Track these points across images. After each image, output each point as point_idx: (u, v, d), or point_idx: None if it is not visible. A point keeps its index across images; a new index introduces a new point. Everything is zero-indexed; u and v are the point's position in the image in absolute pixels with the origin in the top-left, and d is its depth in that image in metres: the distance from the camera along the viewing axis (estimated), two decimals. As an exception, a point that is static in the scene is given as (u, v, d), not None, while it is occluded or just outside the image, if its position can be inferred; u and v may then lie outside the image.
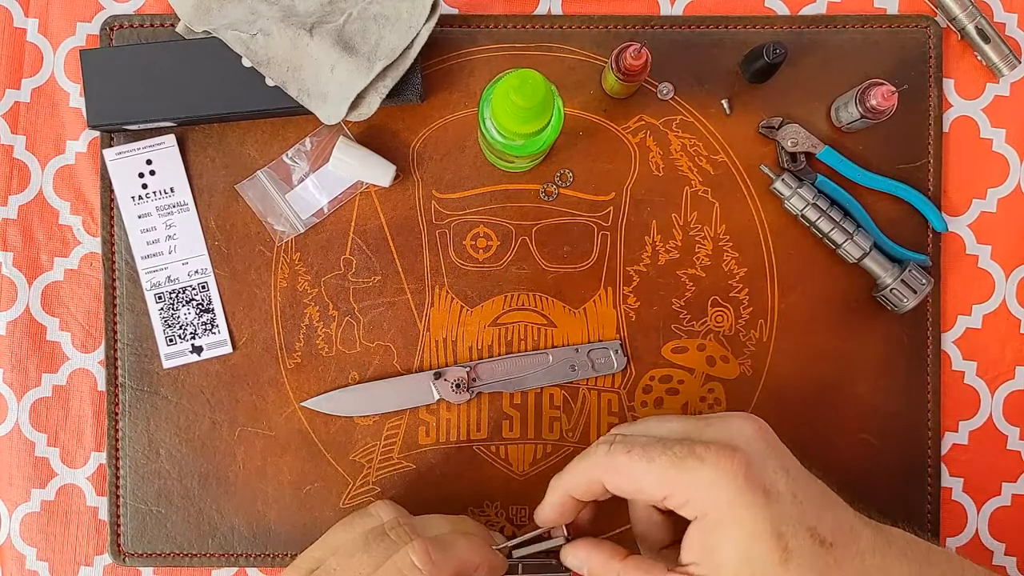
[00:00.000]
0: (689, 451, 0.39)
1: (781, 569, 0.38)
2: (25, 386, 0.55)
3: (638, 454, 0.40)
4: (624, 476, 0.41)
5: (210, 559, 0.54)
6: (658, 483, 0.40)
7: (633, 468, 0.40)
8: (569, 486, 0.44)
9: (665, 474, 0.39)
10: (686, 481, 0.39)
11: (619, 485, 0.42)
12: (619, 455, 0.41)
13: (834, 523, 0.40)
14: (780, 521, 0.38)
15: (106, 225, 0.54)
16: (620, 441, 0.42)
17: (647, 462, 0.40)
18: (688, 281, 0.54)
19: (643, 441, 0.41)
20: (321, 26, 0.50)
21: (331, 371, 0.54)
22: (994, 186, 0.55)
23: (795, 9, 0.55)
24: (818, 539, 0.39)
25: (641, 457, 0.40)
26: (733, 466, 0.38)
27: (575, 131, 0.54)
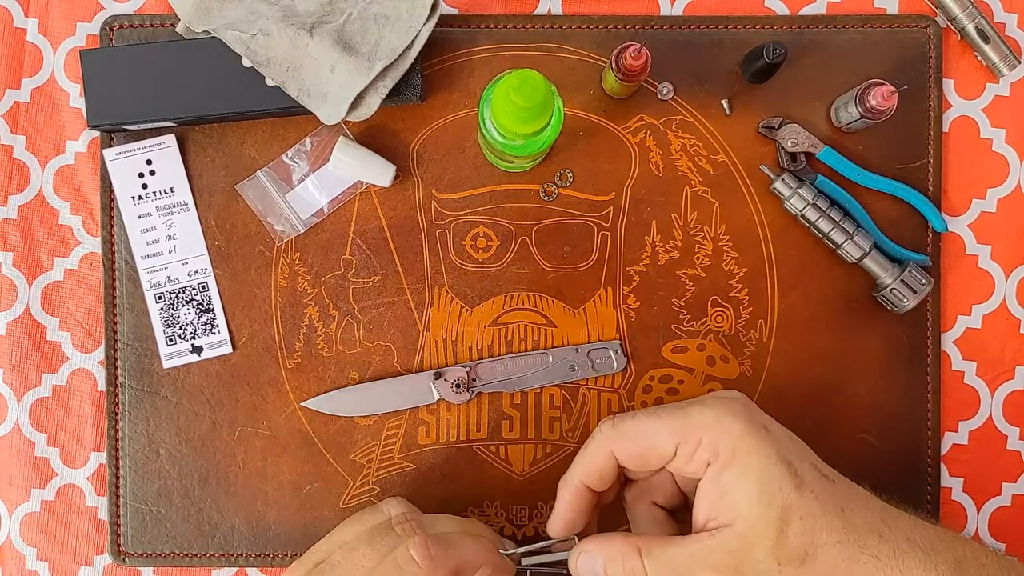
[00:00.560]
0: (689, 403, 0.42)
1: (796, 494, 0.39)
2: (25, 386, 0.55)
3: (643, 414, 0.43)
4: (634, 439, 0.43)
5: (210, 559, 0.54)
6: (668, 432, 0.42)
7: (641, 427, 0.43)
8: (582, 473, 0.44)
9: (673, 422, 0.42)
10: (694, 424, 0.41)
11: (630, 449, 0.43)
12: (625, 421, 0.43)
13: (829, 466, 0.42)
14: (786, 451, 0.40)
15: (106, 225, 0.54)
16: (620, 415, 0.44)
17: (654, 419, 0.42)
18: (688, 281, 0.54)
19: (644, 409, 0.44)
20: (321, 26, 0.50)
21: (331, 371, 0.54)
22: (994, 186, 0.55)
23: (795, 9, 0.55)
24: (821, 472, 0.41)
25: (647, 415, 0.43)
26: (733, 407, 0.41)
27: (575, 131, 0.54)
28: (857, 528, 0.40)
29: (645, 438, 0.42)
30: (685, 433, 0.41)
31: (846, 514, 0.40)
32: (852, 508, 0.40)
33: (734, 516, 0.40)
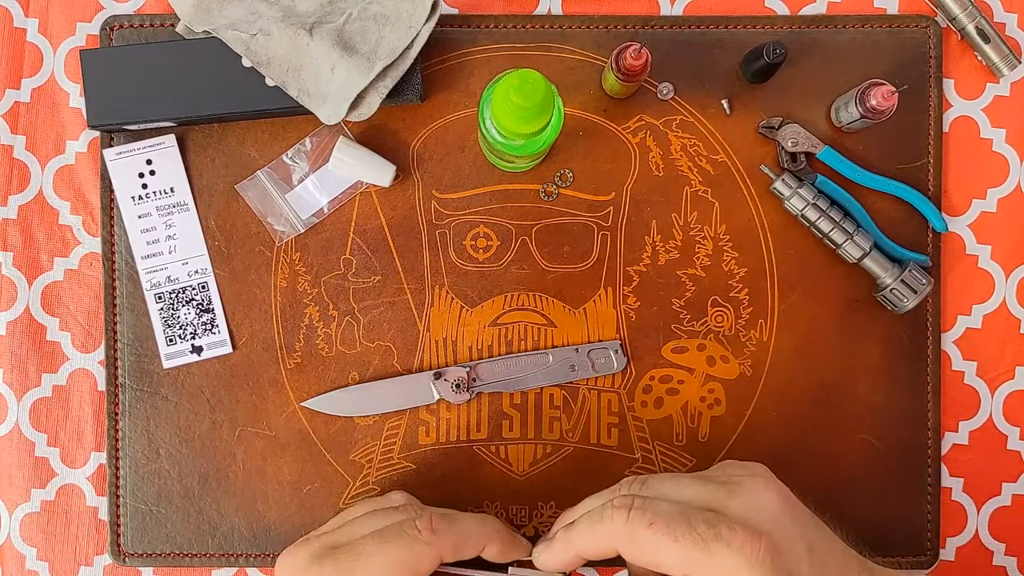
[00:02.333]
0: (715, 534, 0.38)
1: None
2: (25, 386, 0.55)
3: (661, 529, 0.39)
4: (644, 551, 0.40)
5: (210, 559, 0.54)
6: (680, 563, 0.39)
7: (655, 544, 0.39)
8: (581, 548, 0.43)
9: (689, 555, 0.38)
10: (711, 566, 0.38)
11: (637, 558, 0.40)
12: (640, 527, 0.39)
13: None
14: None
15: (106, 225, 0.54)
16: (639, 508, 0.40)
17: (671, 540, 0.38)
18: (688, 281, 0.54)
19: (665, 511, 0.39)
20: (321, 26, 0.50)
21: (331, 371, 0.54)
22: (994, 186, 0.55)
23: (795, 9, 0.55)
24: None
25: (664, 534, 0.39)
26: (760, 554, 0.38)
27: (575, 131, 0.54)
28: None
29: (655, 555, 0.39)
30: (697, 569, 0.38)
31: None
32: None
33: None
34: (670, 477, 0.43)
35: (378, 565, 0.43)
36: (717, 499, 0.40)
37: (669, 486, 0.42)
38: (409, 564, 0.43)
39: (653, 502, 0.40)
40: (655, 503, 0.40)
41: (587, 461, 0.54)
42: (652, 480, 0.43)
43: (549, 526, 0.54)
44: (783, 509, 0.40)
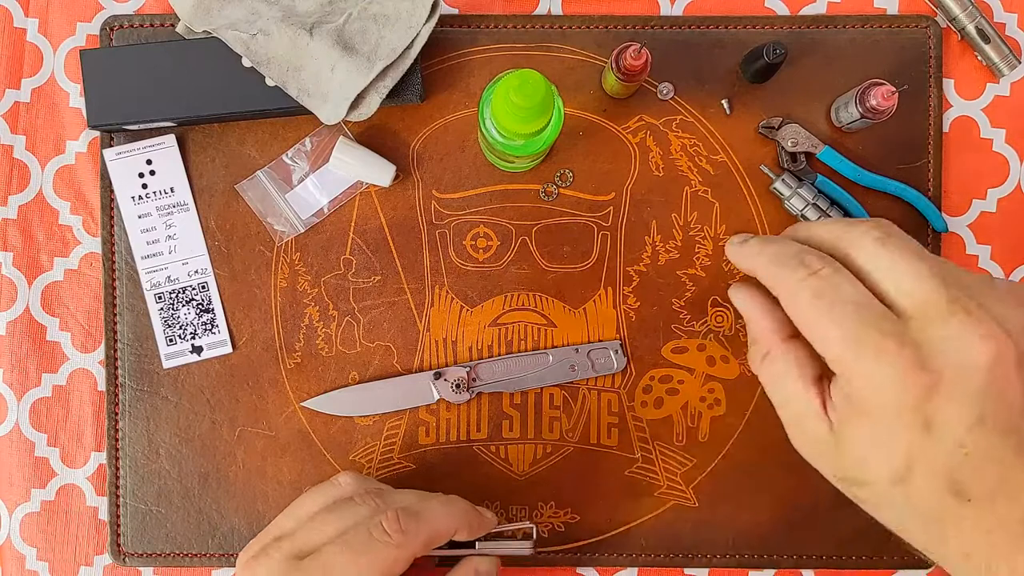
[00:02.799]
0: (953, 300, 0.34)
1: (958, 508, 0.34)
2: (25, 386, 0.55)
3: (912, 253, 0.36)
4: (876, 263, 0.37)
5: (210, 559, 0.54)
6: (915, 298, 0.35)
7: (887, 263, 0.36)
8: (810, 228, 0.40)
9: (928, 303, 0.35)
10: (943, 336, 0.34)
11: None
12: (892, 243, 0.37)
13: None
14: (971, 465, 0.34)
15: (106, 225, 0.54)
16: (896, 234, 0.37)
17: (917, 270, 0.36)
18: (688, 281, 0.54)
19: (917, 246, 0.37)
20: (321, 26, 0.50)
21: (331, 371, 0.54)
22: (994, 186, 0.55)
23: (795, 9, 0.55)
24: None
25: (907, 261, 0.36)
26: (990, 351, 0.34)
27: (575, 131, 0.54)
28: None
29: (889, 278, 0.36)
30: (928, 329, 0.35)
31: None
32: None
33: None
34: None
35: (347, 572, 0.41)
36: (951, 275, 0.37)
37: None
38: (383, 571, 0.42)
39: (897, 235, 0.38)
40: (899, 237, 0.37)
41: (587, 461, 0.54)
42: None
43: (550, 526, 0.54)
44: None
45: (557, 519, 0.54)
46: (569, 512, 0.54)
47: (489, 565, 0.45)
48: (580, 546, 0.54)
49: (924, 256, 0.37)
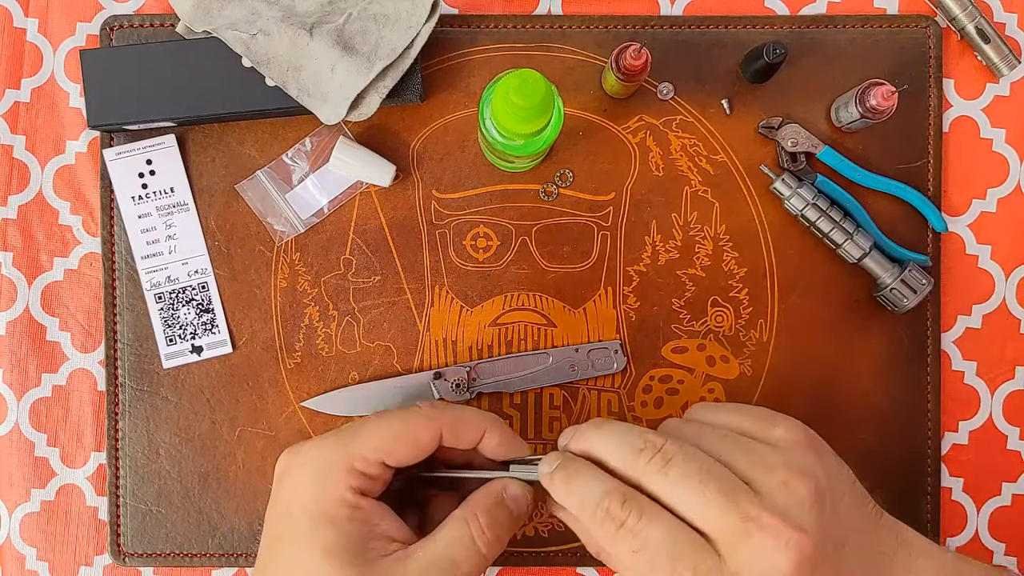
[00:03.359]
0: (745, 518, 0.36)
1: None
2: (25, 386, 0.55)
3: (688, 482, 0.37)
4: (668, 496, 0.38)
5: (210, 559, 0.54)
6: (706, 519, 0.37)
7: (677, 496, 0.37)
8: (603, 451, 0.40)
9: (718, 521, 0.37)
10: (746, 547, 0.36)
11: (666, 497, 0.38)
12: (673, 472, 0.38)
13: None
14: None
15: (106, 225, 0.54)
16: (677, 455, 0.38)
17: (698, 488, 0.37)
18: (688, 281, 0.54)
19: (698, 466, 0.38)
20: (321, 26, 0.50)
21: (331, 371, 0.54)
22: (994, 186, 0.55)
23: (795, 9, 0.55)
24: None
25: (691, 490, 0.37)
26: (791, 557, 0.36)
27: (575, 131, 0.54)
28: None
29: (678, 505, 0.38)
30: (729, 542, 0.36)
31: None
32: None
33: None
34: (707, 407, 0.43)
35: (377, 435, 0.43)
36: (756, 454, 0.39)
37: (705, 429, 0.40)
38: (408, 434, 0.43)
39: (686, 452, 0.38)
40: (689, 453, 0.38)
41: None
42: (693, 410, 0.42)
43: (550, 526, 0.54)
44: (827, 485, 0.39)
45: (557, 519, 0.54)
46: (569, 512, 0.54)
47: (520, 489, 0.44)
48: (580, 546, 0.54)
49: (705, 475, 0.37)
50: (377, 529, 0.42)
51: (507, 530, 0.43)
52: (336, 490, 0.41)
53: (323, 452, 0.43)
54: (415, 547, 0.41)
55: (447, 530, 0.42)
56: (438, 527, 0.42)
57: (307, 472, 0.42)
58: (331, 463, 0.42)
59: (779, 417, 0.41)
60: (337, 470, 0.42)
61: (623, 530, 0.38)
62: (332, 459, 0.42)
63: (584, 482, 0.40)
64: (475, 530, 0.42)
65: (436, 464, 0.46)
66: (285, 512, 0.43)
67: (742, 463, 0.38)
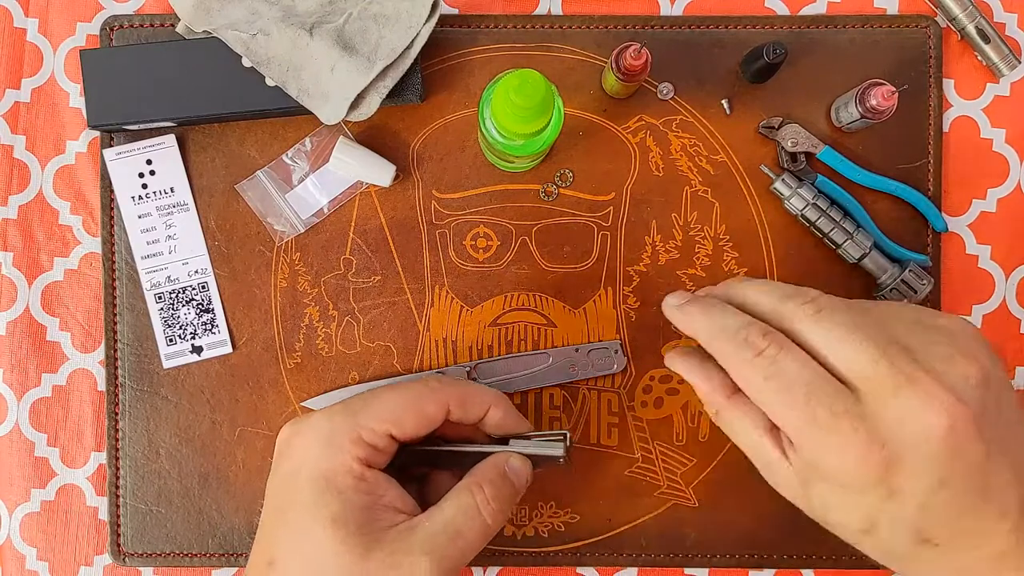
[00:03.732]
0: (898, 372, 0.34)
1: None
2: (25, 386, 0.55)
3: (847, 329, 0.36)
4: (816, 339, 0.37)
5: (210, 559, 0.54)
6: (858, 371, 0.35)
7: (827, 340, 0.36)
8: (751, 295, 0.39)
9: (869, 375, 0.35)
10: (892, 405, 0.35)
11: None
12: (827, 318, 0.36)
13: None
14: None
15: (106, 225, 0.54)
16: (831, 305, 0.37)
17: (856, 343, 0.35)
18: (688, 281, 0.54)
19: (852, 317, 0.36)
20: (321, 26, 0.50)
21: (331, 371, 0.54)
22: (994, 186, 0.55)
23: (795, 9, 0.55)
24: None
25: (843, 336, 0.36)
26: (944, 421, 0.34)
27: (575, 131, 0.54)
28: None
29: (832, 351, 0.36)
30: (876, 394, 0.35)
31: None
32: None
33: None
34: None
35: (386, 407, 0.43)
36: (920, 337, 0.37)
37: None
38: (417, 407, 0.43)
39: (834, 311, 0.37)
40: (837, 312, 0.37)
41: (587, 461, 0.54)
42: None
43: (550, 526, 0.54)
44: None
45: (557, 519, 0.54)
46: (569, 512, 0.54)
47: (520, 462, 0.45)
48: (580, 546, 0.54)
49: (859, 325, 0.36)
50: (383, 500, 0.42)
51: (509, 503, 0.44)
52: (343, 460, 0.42)
53: (330, 422, 0.43)
54: (420, 517, 0.42)
55: (453, 500, 0.42)
56: (443, 498, 0.43)
57: (313, 441, 0.43)
58: (338, 433, 0.42)
59: (944, 313, 0.39)
60: (344, 440, 0.42)
61: (761, 357, 0.37)
62: (339, 429, 0.42)
63: (722, 313, 0.39)
64: (480, 500, 0.42)
65: (435, 439, 0.47)
66: (290, 481, 0.43)
67: (902, 333, 0.36)
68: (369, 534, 0.40)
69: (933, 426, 0.34)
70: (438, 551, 0.40)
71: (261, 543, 0.43)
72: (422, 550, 0.40)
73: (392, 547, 0.40)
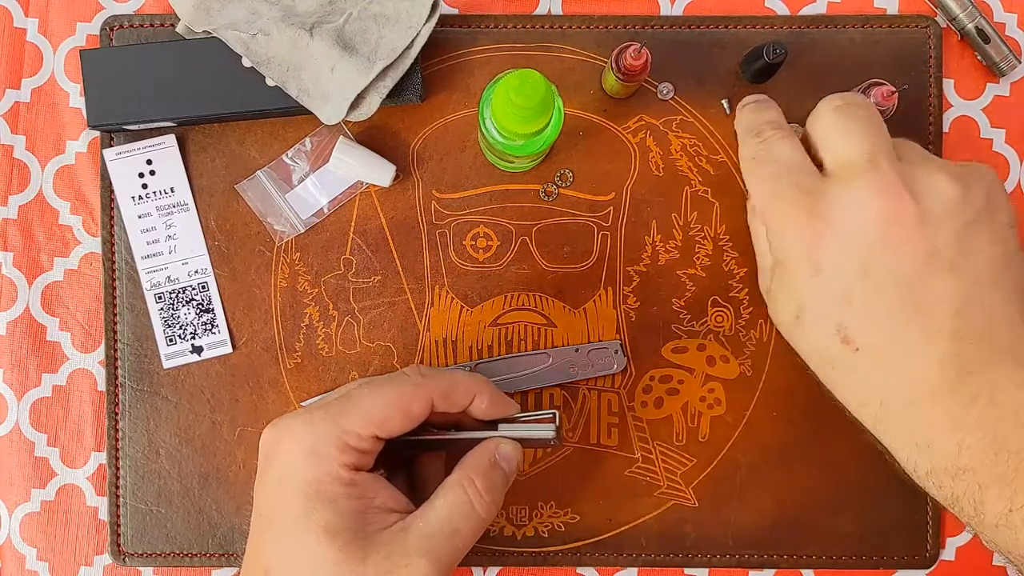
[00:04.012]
0: (870, 161, 0.36)
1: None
2: (25, 386, 0.55)
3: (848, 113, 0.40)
4: (828, 130, 0.40)
5: (210, 559, 0.54)
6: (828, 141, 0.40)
7: (833, 130, 0.40)
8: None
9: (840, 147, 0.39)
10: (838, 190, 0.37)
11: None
12: (845, 113, 0.40)
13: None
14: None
15: (106, 225, 0.54)
16: (861, 107, 0.40)
17: (848, 131, 0.39)
18: (688, 281, 0.54)
19: (866, 114, 0.40)
20: (321, 26, 0.50)
21: (331, 371, 0.54)
22: (994, 186, 0.55)
23: (795, 9, 0.55)
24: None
25: (845, 127, 0.39)
26: (881, 205, 0.35)
27: (575, 131, 0.54)
28: None
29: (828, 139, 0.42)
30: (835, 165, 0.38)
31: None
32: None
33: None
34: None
35: (369, 409, 0.42)
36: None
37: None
38: (400, 404, 0.42)
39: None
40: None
41: (587, 461, 0.54)
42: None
43: (550, 526, 0.54)
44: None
45: (557, 519, 0.54)
46: (569, 512, 0.54)
47: (511, 448, 0.44)
48: (580, 546, 0.54)
49: (868, 124, 0.37)
50: (374, 503, 0.41)
51: (502, 492, 0.43)
52: (330, 468, 0.41)
53: (313, 430, 0.42)
54: (413, 517, 0.41)
55: (445, 497, 0.42)
56: (434, 495, 0.42)
57: (298, 451, 0.42)
58: (323, 441, 0.41)
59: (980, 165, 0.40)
60: (329, 448, 0.41)
61: (759, 140, 0.41)
62: (324, 437, 0.41)
63: (761, 110, 0.44)
64: (472, 494, 0.42)
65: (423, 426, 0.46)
66: (276, 492, 0.42)
67: (904, 149, 0.38)
68: (364, 539, 0.40)
69: (869, 206, 0.34)
70: (435, 551, 0.40)
71: (255, 550, 0.43)
72: (419, 552, 0.40)
73: (388, 550, 0.40)
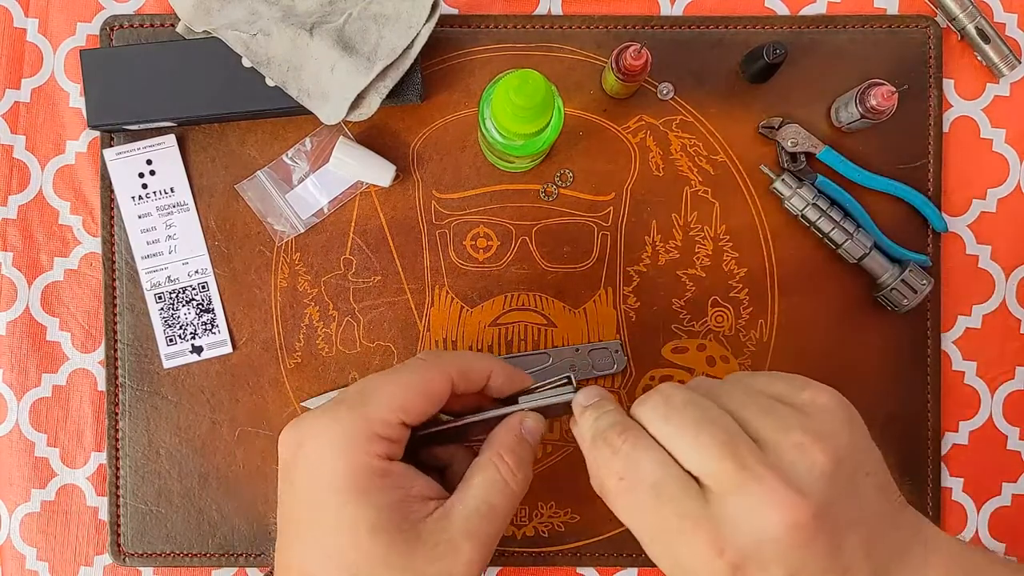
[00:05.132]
0: (741, 467, 0.34)
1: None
2: (25, 386, 0.55)
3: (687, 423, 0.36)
4: (667, 442, 0.36)
5: (210, 559, 0.54)
6: (701, 468, 0.35)
7: (675, 442, 0.36)
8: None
9: (712, 468, 0.35)
10: (736, 502, 0.35)
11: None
12: (675, 417, 0.36)
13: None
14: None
15: (106, 225, 0.54)
16: (681, 404, 0.37)
17: (694, 439, 0.35)
18: (688, 281, 0.54)
19: (700, 414, 0.36)
20: (321, 26, 0.50)
21: (331, 371, 0.54)
22: (994, 186, 0.55)
23: (795, 9, 0.55)
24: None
25: (686, 436, 0.35)
26: (784, 518, 0.34)
27: (575, 131, 0.54)
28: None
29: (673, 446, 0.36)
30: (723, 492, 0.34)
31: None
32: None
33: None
34: (745, 376, 0.40)
35: (393, 395, 0.41)
36: (784, 414, 0.36)
37: (737, 391, 0.38)
38: (421, 386, 0.41)
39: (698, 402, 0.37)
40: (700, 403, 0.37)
41: (587, 461, 0.54)
42: (727, 380, 0.39)
43: (550, 526, 0.54)
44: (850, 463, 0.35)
45: (557, 519, 0.54)
46: (569, 512, 0.54)
47: (535, 421, 0.43)
48: (580, 546, 0.54)
49: (705, 421, 0.36)
50: (412, 492, 0.40)
51: (530, 466, 0.43)
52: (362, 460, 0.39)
53: (338, 424, 0.40)
54: (452, 501, 0.41)
55: (479, 477, 0.41)
56: (467, 476, 0.42)
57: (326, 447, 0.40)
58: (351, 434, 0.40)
59: (812, 383, 0.38)
60: (359, 440, 0.40)
61: (615, 456, 0.37)
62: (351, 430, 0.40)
63: (598, 413, 0.40)
64: (504, 471, 0.41)
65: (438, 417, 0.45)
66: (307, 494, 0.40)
67: (756, 420, 0.36)
68: (409, 530, 0.39)
69: (774, 524, 0.34)
70: (478, 533, 0.40)
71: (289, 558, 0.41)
72: (462, 535, 0.39)
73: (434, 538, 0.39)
